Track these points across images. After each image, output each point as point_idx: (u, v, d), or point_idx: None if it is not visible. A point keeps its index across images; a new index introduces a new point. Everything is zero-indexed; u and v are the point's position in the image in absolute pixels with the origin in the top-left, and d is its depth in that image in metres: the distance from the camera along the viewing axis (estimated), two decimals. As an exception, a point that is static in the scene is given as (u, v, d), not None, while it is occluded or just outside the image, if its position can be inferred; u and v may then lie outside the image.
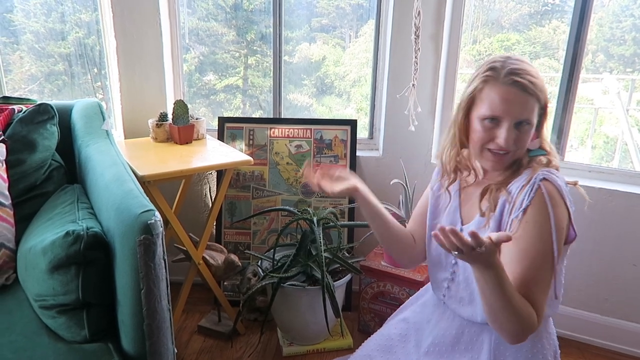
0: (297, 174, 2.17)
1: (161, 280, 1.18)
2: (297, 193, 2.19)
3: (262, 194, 2.20)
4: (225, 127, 2.19)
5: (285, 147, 2.17)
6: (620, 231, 1.92)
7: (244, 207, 2.21)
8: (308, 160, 2.12)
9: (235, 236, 2.24)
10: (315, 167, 2.03)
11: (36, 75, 2.43)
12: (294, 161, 2.17)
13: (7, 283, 1.42)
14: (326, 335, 1.96)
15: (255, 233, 2.23)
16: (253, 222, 2.22)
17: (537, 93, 1.01)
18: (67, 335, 1.22)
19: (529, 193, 0.99)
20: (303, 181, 2.16)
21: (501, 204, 1.05)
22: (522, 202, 0.99)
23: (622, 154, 3.23)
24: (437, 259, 1.22)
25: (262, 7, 2.35)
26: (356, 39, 2.62)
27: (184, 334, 2.08)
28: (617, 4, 2.67)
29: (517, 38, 2.93)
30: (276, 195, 2.19)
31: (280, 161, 2.18)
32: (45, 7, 2.34)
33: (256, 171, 2.19)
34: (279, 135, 2.17)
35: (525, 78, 0.99)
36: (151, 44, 2.12)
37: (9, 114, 1.67)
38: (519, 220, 0.98)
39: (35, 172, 1.62)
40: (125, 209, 1.19)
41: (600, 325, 2.03)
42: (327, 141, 2.17)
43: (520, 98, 1.00)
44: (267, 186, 2.19)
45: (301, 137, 2.17)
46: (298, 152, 2.17)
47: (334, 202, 2.17)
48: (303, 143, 2.17)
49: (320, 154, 2.17)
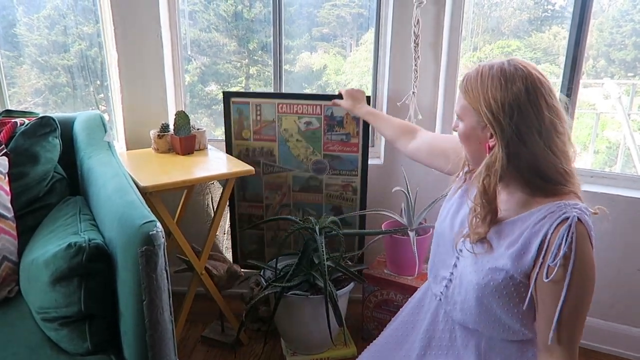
0: (308, 151, 2.10)
1: (163, 291, 1.18)
2: (308, 170, 2.12)
3: (272, 170, 2.14)
4: (231, 102, 2.10)
5: (294, 123, 2.08)
6: (624, 237, 1.91)
7: (255, 183, 2.16)
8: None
9: (249, 209, 2.21)
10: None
11: (41, 89, 2.45)
12: (304, 138, 2.09)
13: (9, 296, 1.42)
14: (330, 345, 1.95)
15: (267, 207, 2.20)
16: (265, 197, 2.18)
17: (470, 96, 1.02)
18: (70, 347, 1.22)
19: (566, 237, 0.93)
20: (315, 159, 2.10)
21: (524, 240, 0.99)
22: (560, 248, 0.93)
23: (624, 159, 3.22)
24: (442, 257, 1.22)
25: (263, 17, 2.36)
26: (357, 47, 2.63)
27: (187, 344, 2.08)
28: (616, 9, 2.68)
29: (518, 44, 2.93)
30: (287, 171, 2.14)
31: (289, 138, 2.10)
32: (48, 21, 2.36)
33: (265, 147, 2.12)
34: (287, 111, 2.07)
35: (464, 81, 1.05)
36: (152, 55, 2.13)
37: (12, 127, 1.68)
38: (558, 266, 0.93)
39: (38, 184, 1.62)
40: (127, 220, 1.20)
41: (606, 332, 2.01)
42: (339, 118, 2.05)
43: (459, 96, 1.08)
44: (278, 162, 2.13)
45: (311, 113, 2.06)
46: (308, 129, 2.07)
47: (346, 180, 2.10)
48: (313, 120, 2.07)
49: (331, 131, 2.06)
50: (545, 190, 1.00)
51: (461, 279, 1.13)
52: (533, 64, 1.00)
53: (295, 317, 1.86)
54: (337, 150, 2.08)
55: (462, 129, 1.08)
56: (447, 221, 1.21)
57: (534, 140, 0.96)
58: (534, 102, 0.95)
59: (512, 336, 1.07)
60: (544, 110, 0.96)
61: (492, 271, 1.03)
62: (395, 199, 2.08)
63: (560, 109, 0.99)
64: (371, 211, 2.05)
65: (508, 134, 0.96)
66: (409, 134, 1.63)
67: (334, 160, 2.10)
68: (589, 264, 0.95)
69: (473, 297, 1.07)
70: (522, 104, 0.95)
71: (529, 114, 0.95)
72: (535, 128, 0.95)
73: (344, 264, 1.92)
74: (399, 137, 1.66)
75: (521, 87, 0.95)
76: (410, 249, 1.87)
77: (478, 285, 1.05)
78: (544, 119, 0.95)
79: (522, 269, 0.99)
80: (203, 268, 1.91)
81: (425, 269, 2.03)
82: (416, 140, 1.59)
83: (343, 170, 2.10)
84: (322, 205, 2.16)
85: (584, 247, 0.94)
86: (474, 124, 1.03)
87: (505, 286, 1.02)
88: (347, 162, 2.09)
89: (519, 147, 0.96)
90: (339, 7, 2.44)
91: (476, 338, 1.13)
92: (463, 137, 1.09)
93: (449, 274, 1.18)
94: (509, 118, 0.95)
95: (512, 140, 0.96)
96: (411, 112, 2.08)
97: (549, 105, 0.96)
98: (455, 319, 1.16)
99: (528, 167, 0.98)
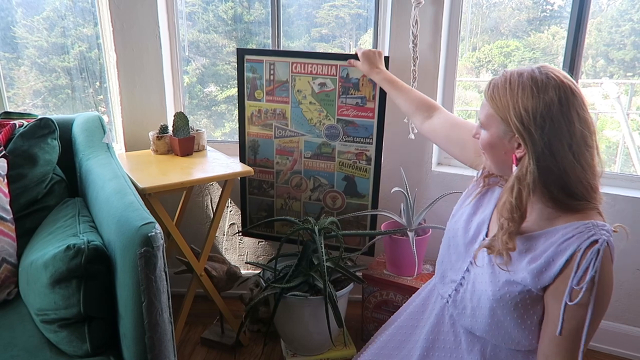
0: (321, 115, 2.02)
1: (162, 293, 1.18)
2: (321, 135, 2.05)
3: (284, 134, 2.08)
4: (245, 60, 2.04)
5: (308, 84, 1.99)
6: (624, 236, 1.91)
7: (267, 146, 2.11)
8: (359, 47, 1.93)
9: (259, 174, 2.15)
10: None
11: (40, 90, 2.45)
12: (318, 101, 2.00)
13: (8, 298, 1.42)
14: (330, 346, 1.95)
15: (278, 173, 2.14)
16: (276, 162, 2.12)
17: (498, 104, 0.98)
18: (69, 349, 1.22)
19: (594, 261, 0.91)
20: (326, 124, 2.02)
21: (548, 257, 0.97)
22: (587, 271, 0.91)
23: (623, 158, 3.22)
24: (453, 258, 1.20)
25: (262, 18, 2.36)
26: (356, 48, 2.63)
27: (187, 346, 2.07)
28: (615, 8, 2.68)
29: (517, 44, 2.94)
30: (299, 136, 2.07)
31: (302, 100, 2.01)
32: (47, 22, 2.37)
33: (278, 109, 2.05)
34: (301, 71, 1.98)
35: (489, 88, 1.01)
36: (151, 57, 2.13)
37: (10, 129, 1.68)
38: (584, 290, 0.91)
39: (37, 186, 1.62)
40: (126, 221, 1.20)
41: (605, 331, 2.01)
42: (354, 80, 1.94)
43: (483, 103, 1.04)
44: (289, 126, 2.07)
45: (325, 74, 1.96)
46: (322, 90, 1.99)
47: (360, 148, 2.01)
48: (327, 81, 1.98)
49: (346, 94, 1.96)
50: (569, 206, 0.97)
51: (474, 286, 1.10)
52: (564, 72, 0.96)
53: (295, 318, 1.86)
54: (351, 115, 1.98)
55: (487, 137, 1.04)
56: (461, 223, 1.19)
57: (564, 153, 0.92)
58: (566, 113, 0.91)
59: (519, 346, 1.06)
60: (576, 123, 0.92)
61: (509, 284, 1.01)
62: (394, 199, 2.08)
63: (591, 121, 0.95)
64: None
65: (540, 146, 0.92)
66: (426, 111, 1.53)
67: (348, 125, 2.00)
68: (609, 286, 0.94)
69: (486, 307, 1.05)
70: (554, 115, 0.91)
71: (561, 125, 0.91)
72: (567, 141, 0.92)
73: (344, 265, 1.92)
74: (415, 113, 1.56)
75: (554, 97, 0.91)
76: (410, 250, 1.87)
77: (494, 296, 1.03)
78: (575, 131, 0.92)
79: (541, 285, 0.97)
80: (202, 269, 1.91)
81: (424, 269, 2.03)
82: (433, 120, 1.50)
83: (357, 137, 2.00)
84: (335, 174, 2.08)
85: (609, 271, 0.93)
86: (501, 133, 0.99)
87: (521, 299, 1.00)
88: (362, 129, 1.99)
89: (549, 159, 0.93)
90: (337, 8, 2.44)
91: (481, 344, 1.12)
92: (487, 146, 1.05)
93: (459, 278, 1.16)
94: (540, 129, 0.91)
95: (543, 153, 0.92)
96: (410, 113, 2.08)
97: (581, 117, 0.92)
98: (462, 324, 1.15)
99: (556, 180, 0.94)
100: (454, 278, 1.18)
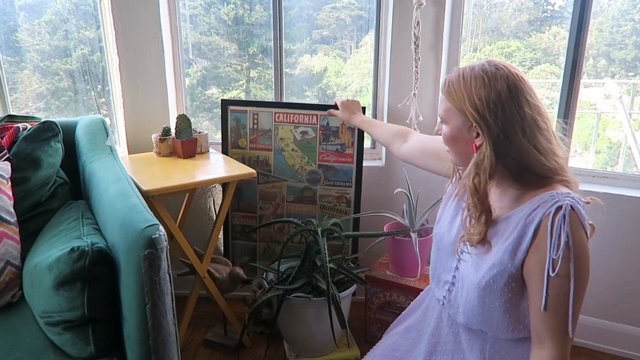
0: (303, 161, 2.13)
1: (166, 295, 1.18)
2: (303, 180, 2.15)
3: (267, 180, 2.17)
4: (229, 110, 2.13)
5: (291, 132, 2.11)
6: (626, 236, 1.91)
7: (251, 192, 2.18)
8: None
9: (243, 219, 2.23)
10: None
11: (43, 93, 2.46)
12: (300, 148, 2.12)
13: (13, 300, 1.43)
14: (333, 347, 1.94)
15: (261, 217, 2.21)
16: (259, 207, 2.20)
17: (454, 97, 1.04)
18: (73, 351, 1.22)
19: (563, 226, 0.93)
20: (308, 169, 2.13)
21: (519, 231, 1.00)
22: (560, 238, 0.93)
23: (626, 158, 3.22)
24: (443, 260, 1.22)
25: (263, 20, 2.37)
26: (357, 49, 2.64)
27: (190, 348, 2.08)
28: (616, 8, 2.68)
29: (518, 45, 2.93)
30: (281, 181, 2.16)
31: (285, 147, 2.13)
32: (49, 26, 2.37)
33: (261, 156, 2.15)
34: (284, 121, 2.10)
35: (445, 84, 1.07)
36: (153, 59, 2.14)
37: (14, 132, 1.69)
38: (561, 259, 0.93)
39: (40, 189, 1.63)
40: (130, 224, 1.20)
41: (610, 332, 2.01)
42: (334, 128, 2.08)
43: (441, 99, 1.10)
44: (273, 172, 2.16)
45: (307, 123, 2.09)
46: (304, 138, 2.11)
47: (340, 191, 2.12)
48: (309, 129, 2.10)
49: (326, 141, 2.09)
50: (536, 183, 1.02)
51: (463, 281, 1.13)
52: (511, 64, 1.03)
53: (298, 320, 1.86)
54: (331, 161, 2.11)
55: (448, 131, 1.09)
56: (446, 226, 1.22)
57: (518, 137, 0.98)
58: (516, 99, 0.98)
59: (517, 334, 1.07)
60: (525, 107, 0.98)
61: (491, 269, 1.04)
62: (397, 200, 2.08)
63: (541, 106, 1.01)
64: (373, 213, 2.05)
65: (495, 131, 0.98)
66: (401, 137, 1.63)
67: (328, 170, 2.12)
68: (585, 254, 0.96)
69: (475, 297, 1.08)
70: (505, 102, 0.98)
71: (512, 110, 0.98)
72: (519, 125, 0.98)
73: (347, 266, 1.92)
74: (392, 141, 1.66)
75: (504, 85, 0.98)
76: (413, 251, 1.87)
77: (479, 285, 1.05)
78: (526, 115, 0.98)
79: (518, 261, 1.00)
80: (205, 271, 1.91)
81: (428, 270, 2.03)
82: (408, 143, 1.59)
83: (337, 181, 2.13)
84: (316, 216, 2.17)
85: (580, 236, 0.95)
86: (460, 124, 1.05)
87: (506, 284, 1.02)
88: (342, 173, 2.12)
89: (505, 143, 0.98)
90: (338, 10, 2.44)
91: (481, 340, 1.12)
92: (449, 139, 1.10)
93: (451, 277, 1.18)
94: (494, 115, 0.98)
95: (498, 138, 0.98)
96: (412, 114, 2.08)
97: (530, 102, 0.99)
98: (459, 322, 1.16)
99: (515, 163, 1.00)
100: (446, 279, 1.20)
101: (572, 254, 0.93)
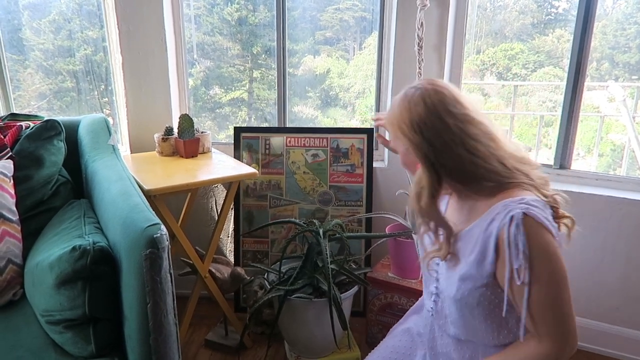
0: (314, 183, 2.17)
1: (167, 294, 1.18)
2: (315, 202, 2.19)
3: (279, 203, 2.20)
4: (241, 137, 2.19)
5: (302, 156, 2.17)
6: (629, 239, 1.90)
7: (262, 217, 2.21)
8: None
9: (254, 244, 2.24)
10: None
11: (45, 92, 2.46)
12: (311, 170, 2.18)
13: (14, 299, 1.43)
14: (334, 348, 1.94)
15: (273, 242, 2.23)
16: (271, 231, 2.22)
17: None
18: (74, 350, 1.22)
19: (519, 235, 0.93)
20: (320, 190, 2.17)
21: (481, 245, 1.00)
22: (519, 248, 0.93)
23: (629, 161, 3.21)
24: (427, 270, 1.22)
25: (267, 21, 2.37)
26: (360, 51, 2.64)
27: (191, 347, 2.07)
28: (620, 12, 2.67)
29: (521, 47, 2.93)
30: (293, 204, 2.19)
31: (297, 170, 2.18)
32: (53, 25, 2.38)
33: (273, 180, 2.19)
34: (295, 145, 2.18)
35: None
36: (157, 59, 2.14)
37: (17, 130, 1.69)
38: (523, 269, 0.93)
39: (43, 187, 1.63)
40: (131, 223, 1.20)
41: (611, 335, 2.00)
42: (344, 150, 2.16)
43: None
44: (284, 195, 2.19)
45: (317, 146, 2.17)
46: (314, 161, 2.17)
47: (351, 211, 2.17)
48: (319, 152, 2.17)
49: (336, 162, 2.17)
50: (488, 190, 1.02)
51: (443, 294, 1.14)
52: (436, 79, 1.06)
53: (299, 321, 1.86)
54: (342, 181, 2.16)
55: (400, 158, 1.14)
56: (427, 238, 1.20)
57: (449, 147, 0.99)
58: (435, 114, 1.00)
59: (502, 339, 1.06)
60: (447, 119, 1.00)
61: (461, 281, 1.04)
62: (399, 201, 2.08)
63: (470, 113, 1.01)
64: (375, 214, 2.05)
65: (424, 149, 1.01)
66: None
67: (339, 191, 2.17)
68: (551, 255, 0.94)
69: (455, 310, 1.08)
70: (425, 119, 1.00)
71: (435, 125, 1.00)
72: (447, 136, 0.99)
73: (348, 267, 1.91)
74: None
75: (421, 104, 1.01)
76: (415, 252, 1.87)
77: (454, 297, 1.06)
78: (450, 126, 0.99)
79: (485, 273, 0.99)
80: (207, 271, 1.91)
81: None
82: None
83: (348, 200, 2.17)
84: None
85: (539, 239, 0.94)
86: (404, 150, 1.09)
87: (481, 294, 1.02)
88: (353, 193, 2.16)
89: (438, 158, 1.00)
90: (342, 11, 2.45)
91: (471, 350, 1.12)
92: (403, 164, 1.14)
93: (434, 288, 1.18)
94: (420, 134, 1.01)
95: (429, 154, 1.01)
96: (415, 115, 2.07)
97: (453, 112, 1.00)
98: (449, 334, 1.16)
99: (458, 173, 1.01)
100: (431, 290, 1.20)
101: (536, 259, 0.93)
